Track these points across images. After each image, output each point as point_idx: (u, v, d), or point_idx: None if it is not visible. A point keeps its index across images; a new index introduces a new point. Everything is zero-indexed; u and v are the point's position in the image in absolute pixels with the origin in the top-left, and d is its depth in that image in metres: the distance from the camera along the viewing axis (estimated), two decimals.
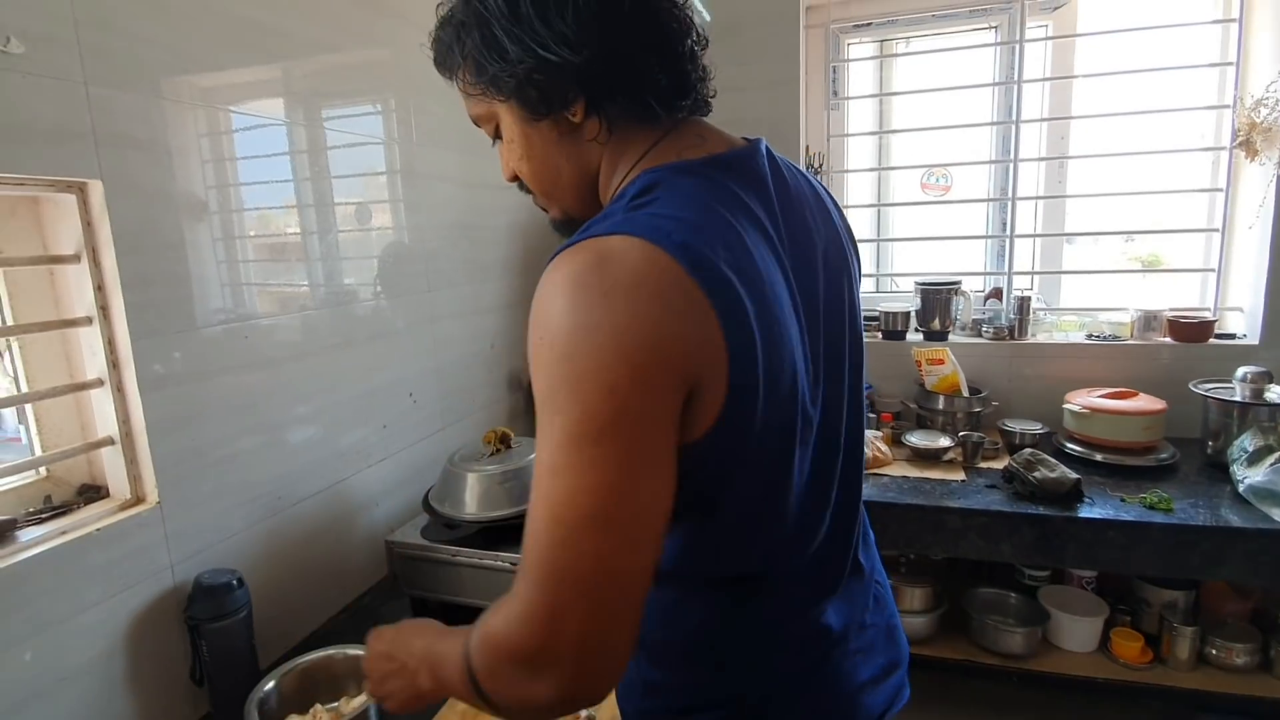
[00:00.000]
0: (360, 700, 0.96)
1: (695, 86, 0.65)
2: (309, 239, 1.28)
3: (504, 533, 1.20)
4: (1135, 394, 1.87)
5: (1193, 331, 1.96)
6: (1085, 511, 1.55)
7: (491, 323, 1.86)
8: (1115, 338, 2.05)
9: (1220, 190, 2.00)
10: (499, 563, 1.16)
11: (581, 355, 0.49)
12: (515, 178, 0.71)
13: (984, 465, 1.83)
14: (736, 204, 0.58)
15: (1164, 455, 1.77)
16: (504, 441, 1.31)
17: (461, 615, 1.21)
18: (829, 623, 0.68)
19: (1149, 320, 2.03)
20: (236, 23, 1.10)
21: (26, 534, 0.87)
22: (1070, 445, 1.86)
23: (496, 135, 0.70)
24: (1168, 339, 2.00)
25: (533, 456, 1.26)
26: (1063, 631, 1.79)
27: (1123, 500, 1.59)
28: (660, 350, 0.50)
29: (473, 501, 1.21)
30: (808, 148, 2.24)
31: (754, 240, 0.57)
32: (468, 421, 1.74)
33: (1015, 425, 1.94)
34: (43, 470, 0.96)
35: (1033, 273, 2.26)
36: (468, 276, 1.75)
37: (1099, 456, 1.79)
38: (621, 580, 0.50)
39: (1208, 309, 2.05)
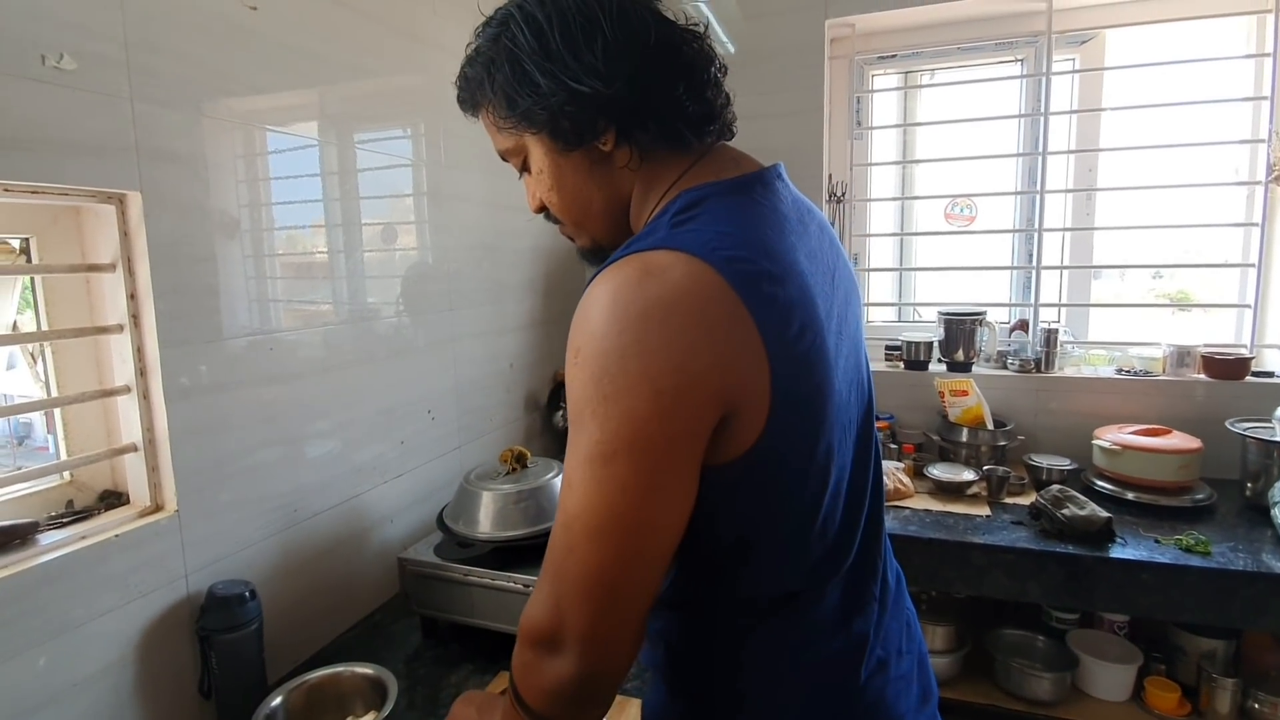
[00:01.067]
0: None
1: (721, 112, 0.67)
2: (335, 257, 1.30)
3: (518, 553, 1.18)
4: (1169, 431, 1.81)
5: (1229, 368, 1.90)
6: (1117, 552, 1.49)
7: (511, 343, 1.87)
8: (1147, 373, 2.00)
9: (1255, 225, 1.95)
10: (511, 584, 1.14)
11: (609, 378, 0.51)
12: (542, 208, 0.73)
13: (1009, 501, 1.78)
14: (777, 221, 0.60)
15: (1200, 496, 1.70)
16: (520, 461, 1.30)
17: (472, 636, 1.20)
18: (869, 648, 0.66)
19: (1182, 356, 1.97)
20: (277, 47, 1.14)
21: (47, 538, 0.88)
22: (1100, 483, 1.80)
23: (524, 168, 0.72)
24: (1202, 375, 1.94)
25: (548, 477, 1.26)
26: (1093, 678, 1.71)
27: (1157, 541, 1.53)
28: (690, 375, 0.51)
29: (487, 520, 1.20)
30: (830, 176, 2.25)
31: (795, 257, 0.58)
32: (485, 440, 1.74)
33: (1042, 460, 1.89)
34: (67, 475, 0.98)
35: (1060, 305, 2.23)
36: (489, 297, 1.77)
37: (1130, 495, 1.73)
38: (618, 588, 0.54)
39: (1244, 346, 2.00)
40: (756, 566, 0.62)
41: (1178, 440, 1.76)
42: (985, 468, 1.84)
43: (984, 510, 1.72)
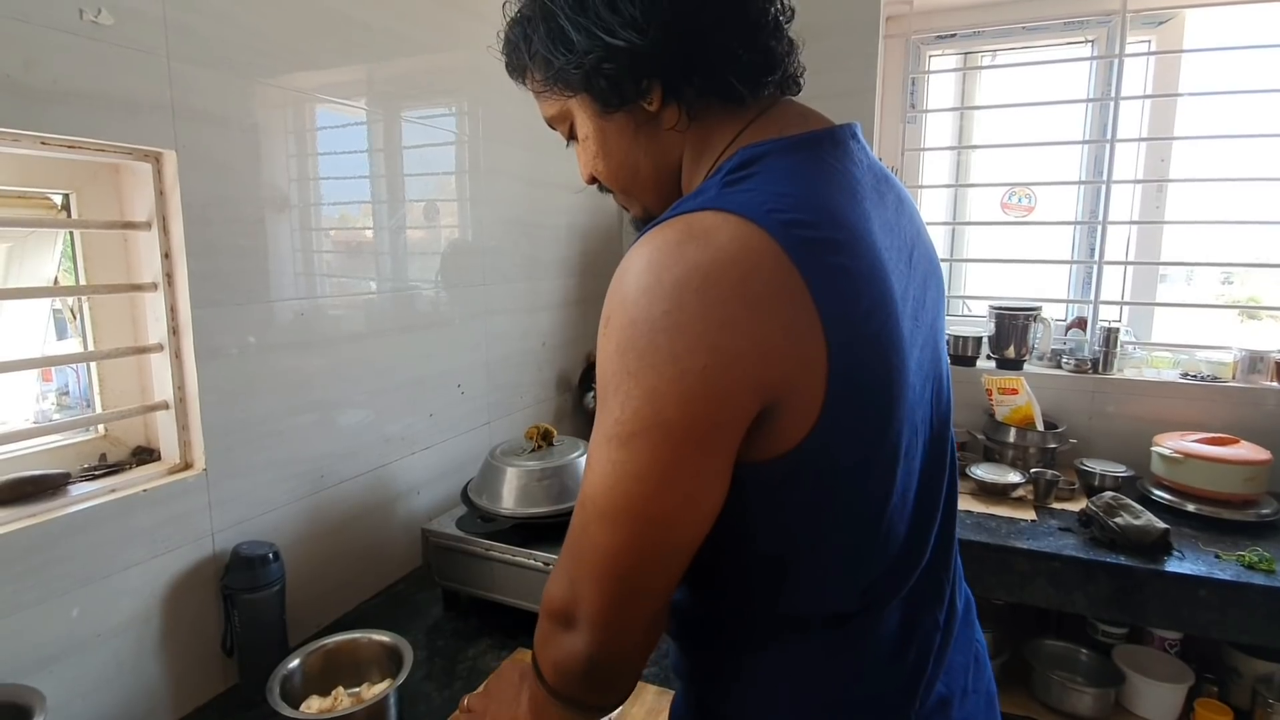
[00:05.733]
0: (381, 687, 0.94)
1: (782, 61, 0.60)
2: (376, 224, 1.30)
3: (539, 531, 1.17)
4: (1236, 441, 1.69)
5: None
6: (1173, 565, 1.40)
7: (544, 321, 1.86)
8: (1215, 379, 1.87)
9: None
10: (532, 561, 1.13)
11: (635, 353, 0.47)
12: (593, 179, 0.68)
13: (1057, 506, 1.69)
14: (848, 185, 0.53)
15: (1266, 511, 1.59)
16: (546, 438, 1.28)
17: (492, 611, 1.19)
18: (925, 681, 0.59)
19: (1254, 361, 1.84)
20: (316, 11, 1.12)
21: (78, 489, 0.89)
22: (1157, 492, 1.70)
23: (571, 136, 0.67)
24: (1275, 383, 1.81)
25: (573, 456, 1.24)
26: (1139, 697, 1.62)
27: (1217, 557, 1.43)
28: (725, 356, 0.45)
29: (510, 496, 1.19)
30: (880, 160, 2.16)
31: (868, 226, 0.51)
32: (514, 418, 1.73)
33: (1095, 466, 1.79)
34: (101, 429, 1.00)
35: (1122, 303, 2.10)
36: (524, 274, 1.75)
37: (1190, 507, 1.62)
38: (630, 578, 0.51)
39: None
40: (802, 581, 0.55)
41: (1245, 451, 1.65)
42: (1033, 470, 1.75)
43: (1029, 514, 1.64)
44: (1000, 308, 2.05)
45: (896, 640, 0.58)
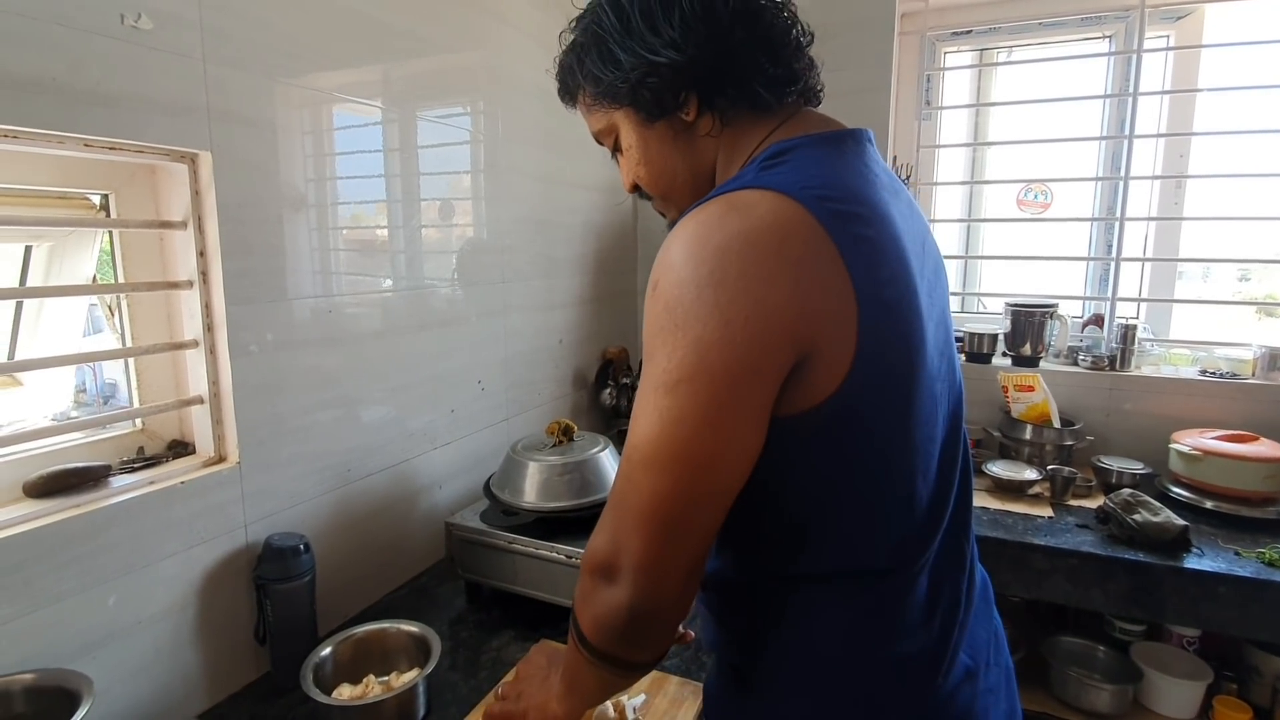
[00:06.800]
0: (410, 676, 0.96)
1: (803, 75, 0.67)
2: (394, 223, 1.32)
3: (561, 524, 1.19)
4: (1255, 438, 1.68)
5: None
6: (1192, 563, 1.40)
7: (561, 318, 1.87)
8: (1234, 375, 1.86)
9: None
10: (554, 554, 1.14)
11: (681, 308, 0.51)
12: (635, 187, 0.75)
13: (1074, 503, 1.69)
14: (869, 177, 0.59)
15: None
16: (566, 434, 1.30)
17: (514, 603, 1.21)
18: (954, 647, 0.62)
19: (1273, 359, 1.83)
20: (342, 12, 1.14)
21: (118, 480, 0.92)
22: (1175, 489, 1.70)
23: (616, 148, 0.74)
24: None
25: (593, 451, 1.26)
26: (1157, 694, 1.62)
27: (1237, 554, 1.43)
28: (765, 308, 0.50)
29: (532, 490, 1.21)
30: (895, 158, 2.16)
31: (888, 210, 0.57)
32: (532, 414, 1.75)
33: (1112, 463, 1.79)
34: (139, 423, 1.02)
35: (1140, 299, 2.09)
36: (540, 271, 1.77)
37: (1209, 504, 1.62)
38: (673, 523, 0.53)
39: None
40: (833, 537, 0.59)
41: (1265, 448, 1.64)
42: (1049, 467, 1.76)
43: (1046, 511, 1.64)
44: (1016, 305, 2.05)
45: (925, 604, 0.61)
